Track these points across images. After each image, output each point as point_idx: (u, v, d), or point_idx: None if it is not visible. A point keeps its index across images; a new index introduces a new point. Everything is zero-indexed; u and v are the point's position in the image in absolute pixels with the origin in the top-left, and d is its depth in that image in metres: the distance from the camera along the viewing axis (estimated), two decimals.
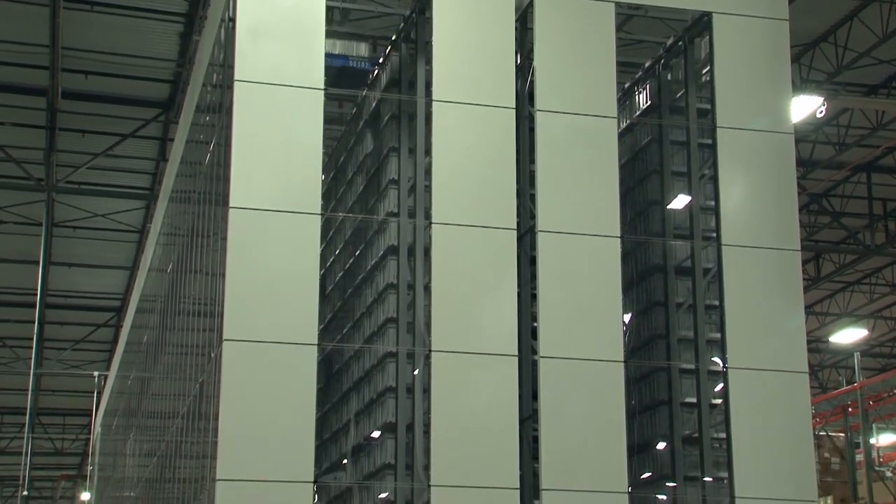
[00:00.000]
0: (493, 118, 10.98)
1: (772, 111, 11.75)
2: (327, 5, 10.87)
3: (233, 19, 10.97)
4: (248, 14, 10.65)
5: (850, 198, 26.50)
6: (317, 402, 10.23)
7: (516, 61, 11.36)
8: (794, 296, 11.45)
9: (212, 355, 10.83)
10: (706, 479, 11.45)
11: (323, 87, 10.66)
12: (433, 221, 10.69)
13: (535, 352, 10.73)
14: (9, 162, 22.63)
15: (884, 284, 31.45)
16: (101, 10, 18.87)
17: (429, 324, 10.62)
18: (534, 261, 10.94)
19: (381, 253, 11.71)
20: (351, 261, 12.88)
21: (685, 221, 12.15)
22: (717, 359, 11.51)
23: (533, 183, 11.13)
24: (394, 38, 12.12)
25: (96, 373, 31.05)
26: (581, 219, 10.96)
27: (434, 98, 10.92)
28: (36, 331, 25.93)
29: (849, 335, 32.26)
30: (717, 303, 11.41)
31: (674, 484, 11.66)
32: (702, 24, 11.97)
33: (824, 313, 33.40)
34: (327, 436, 12.83)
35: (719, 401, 11.43)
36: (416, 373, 10.89)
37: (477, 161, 10.88)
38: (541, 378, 10.58)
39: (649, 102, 12.87)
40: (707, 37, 11.88)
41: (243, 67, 10.54)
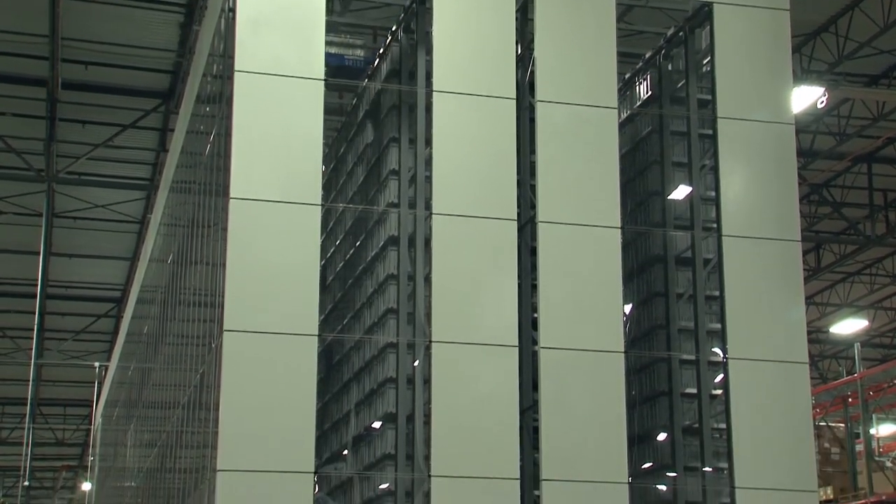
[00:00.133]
0: (493, 108, 10.96)
1: (772, 101, 11.73)
2: None
3: (233, 9, 10.95)
4: (249, 4, 10.63)
5: (850, 188, 26.49)
6: (317, 392, 10.22)
7: (517, 51, 11.34)
8: (795, 286, 11.44)
9: (212, 346, 10.83)
10: (706, 469, 11.45)
11: (323, 78, 10.65)
12: (433, 212, 10.69)
13: (535, 342, 10.73)
14: (9, 152, 22.61)
15: (884, 275, 31.44)
16: (100, 0, 18.83)
17: (429, 314, 10.62)
18: (534, 251, 10.93)
19: (382, 244, 11.70)
20: (351, 251, 12.88)
21: (686, 212, 12.14)
22: (717, 349, 11.51)
23: (533, 173, 11.12)
24: (394, 29, 12.10)
25: (97, 363, 31.07)
26: (581, 209, 10.96)
27: (434, 88, 10.91)
28: (37, 321, 25.96)
29: (849, 326, 32.30)
30: (717, 293, 11.41)
31: (674, 474, 11.67)
32: (702, 14, 11.96)
33: (825, 304, 33.41)
34: (328, 426, 12.84)
35: (719, 391, 11.43)
36: (417, 363, 10.89)
37: (477, 152, 10.87)
38: (541, 369, 10.59)
39: (650, 93, 12.86)
40: (708, 27, 11.86)
41: (243, 58, 10.52)
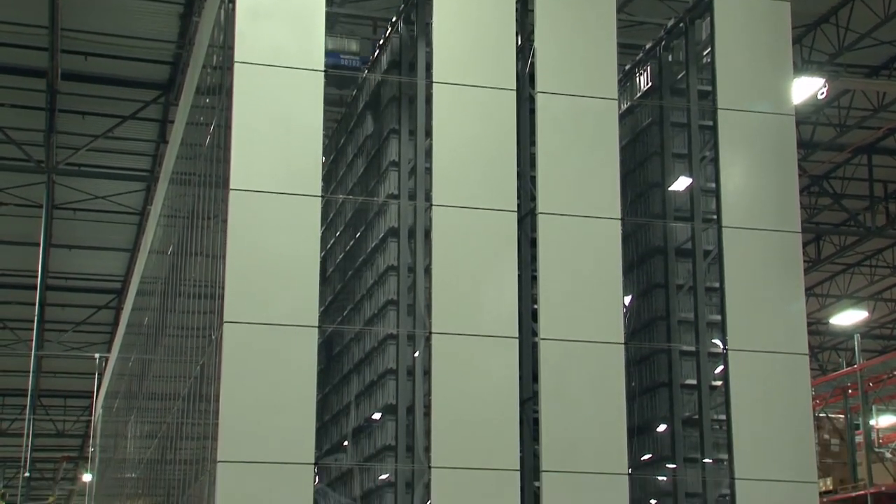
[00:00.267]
0: (493, 100, 10.95)
1: (773, 93, 11.72)
2: None
3: (232, 0, 10.93)
4: None
5: (850, 180, 26.46)
6: (317, 384, 10.23)
7: (517, 43, 11.32)
8: (795, 278, 11.44)
9: (212, 337, 10.84)
10: (706, 460, 11.46)
11: (323, 69, 10.64)
12: (434, 203, 10.68)
13: (535, 334, 10.73)
14: (9, 144, 22.61)
15: (884, 266, 31.44)
16: None
17: (429, 306, 10.62)
18: (534, 243, 10.93)
19: (382, 235, 11.70)
20: (351, 243, 12.87)
21: (686, 203, 12.13)
22: (717, 341, 11.51)
23: (533, 165, 11.11)
24: (394, 20, 12.08)
25: (97, 355, 31.08)
26: (581, 201, 10.95)
27: (434, 80, 10.90)
28: (37, 313, 25.98)
29: (849, 317, 32.30)
30: (717, 285, 11.41)
31: (674, 465, 11.68)
32: (703, 5, 11.94)
33: (825, 295, 33.41)
34: (328, 418, 12.84)
35: (719, 383, 11.44)
36: (417, 355, 10.89)
37: (477, 143, 10.86)
38: (541, 360, 10.59)
39: (650, 84, 12.84)
40: (708, 18, 11.85)
41: (243, 49, 10.51)
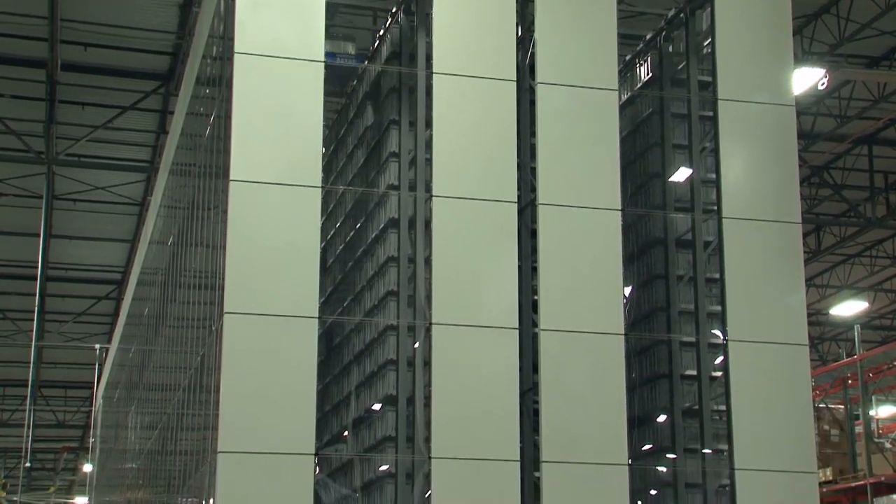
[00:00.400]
0: (493, 91, 10.94)
1: (773, 83, 11.71)
2: None
3: None
4: None
5: (851, 170, 26.45)
6: (317, 374, 10.24)
7: (517, 33, 11.31)
8: (795, 268, 11.44)
9: (213, 328, 10.84)
10: (706, 451, 11.48)
11: (323, 60, 10.62)
12: (434, 194, 10.68)
13: (535, 325, 10.73)
14: (9, 134, 22.59)
15: (884, 257, 31.44)
16: None
17: (429, 297, 10.62)
18: (534, 234, 10.93)
19: (382, 226, 11.69)
20: (351, 234, 12.87)
21: (686, 194, 12.13)
22: (717, 331, 11.52)
23: (534, 156, 11.11)
24: (394, 11, 12.06)
25: (97, 345, 31.14)
26: (582, 192, 10.95)
27: (435, 70, 10.89)
28: (37, 303, 26.03)
29: (849, 308, 32.29)
30: (717, 276, 11.41)
31: (674, 456, 11.70)
32: None
33: (825, 286, 33.42)
34: (328, 408, 12.85)
35: (719, 373, 11.44)
36: (417, 346, 10.89)
37: (477, 134, 10.85)
38: (541, 351, 10.60)
39: (650, 75, 12.83)
40: (708, 8, 11.82)
41: (243, 39, 10.50)
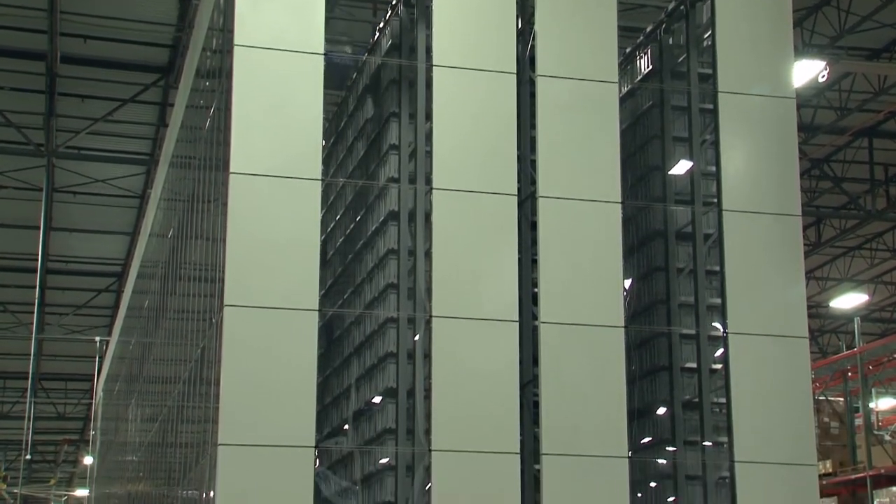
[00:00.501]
0: (493, 83, 10.93)
1: (773, 76, 11.70)
2: None
3: None
4: None
5: (851, 163, 26.45)
6: (318, 367, 10.24)
7: (517, 26, 11.29)
8: (795, 261, 11.44)
9: (213, 321, 10.85)
10: (706, 443, 11.48)
11: (323, 52, 10.61)
12: (434, 187, 10.67)
13: (535, 317, 10.73)
14: (8, 127, 22.59)
15: (884, 249, 31.45)
16: None
17: (429, 289, 10.62)
18: (534, 226, 10.92)
19: (382, 219, 11.69)
20: (351, 226, 12.86)
21: (686, 187, 12.12)
22: (717, 324, 11.52)
23: (534, 148, 11.10)
24: (394, 3, 12.04)
25: (98, 338, 31.17)
26: (582, 184, 10.94)
27: (434, 63, 10.88)
28: (37, 296, 26.03)
29: (849, 300, 32.31)
30: (717, 268, 11.41)
31: (674, 448, 11.70)
32: None
33: (825, 278, 33.43)
34: (328, 401, 12.86)
35: (719, 366, 11.45)
36: (417, 338, 10.89)
37: (478, 126, 10.85)
38: (541, 344, 10.60)
39: (650, 67, 12.81)
40: (708, 1, 11.80)
41: (243, 32, 10.48)
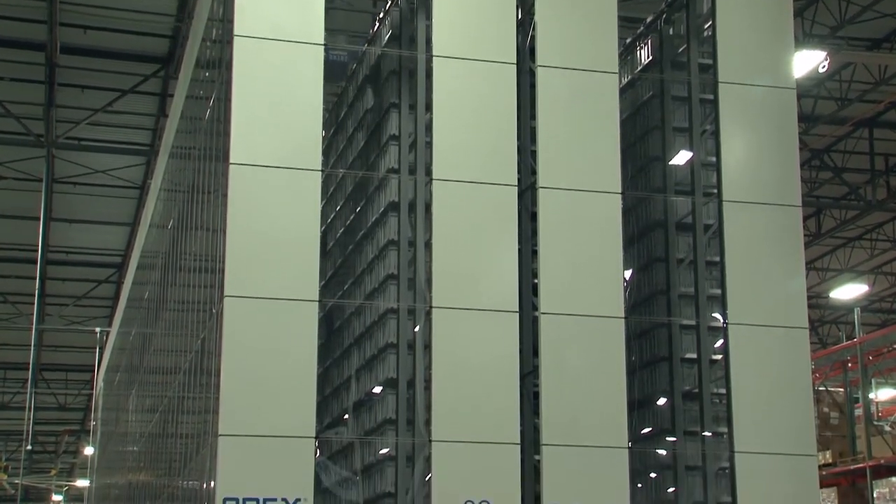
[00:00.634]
0: (493, 74, 10.92)
1: (774, 66, 11.69)
2: None
3: None
4: None
5: (851, 153, 26.43)
6: (318, 357, 10.25)
7: (517, 16, 11.28)
8: (795, 252, 11.44)
9: (213, 311, 10.85)
10: (706, 433, 11.49)
11: (323, 43, 10.60)
12: (434, 178, 10.67)
13: (535, 308, 10.74)
14: (8, 117, 22.56)
15: (885, 240, 31.43)
16: None
17: (430, 280, 10.62)
18: (535, 217, 10.92)
19: (382, 209, 11.68)
20: (352, 217, 12.86)
21: (686, 177, 12.12)
22: (717, 315, 11.52)
23: (534, 139, 11.09)
24: None
25: (98, 329, 31.19)
26: (582, 175, 10.94)
27: (434, 53, 10.87)
28: (37, 287, 26.04)
29: (849, 291, 32.29)
30: (717, 259, 11.41)
31: (674, 439, 11.71)
32: None
33: (825, 269, 33.42)
34: (328, 391, 12.86)
35: (719, 356, 11.46)
36: (417, 329, 10.90)
37: (478, 117, 10.84)
38: (541, 334, 10.60)
39: (651, 58, 12.80)
40: None
41: (243, 22, 10.47)
